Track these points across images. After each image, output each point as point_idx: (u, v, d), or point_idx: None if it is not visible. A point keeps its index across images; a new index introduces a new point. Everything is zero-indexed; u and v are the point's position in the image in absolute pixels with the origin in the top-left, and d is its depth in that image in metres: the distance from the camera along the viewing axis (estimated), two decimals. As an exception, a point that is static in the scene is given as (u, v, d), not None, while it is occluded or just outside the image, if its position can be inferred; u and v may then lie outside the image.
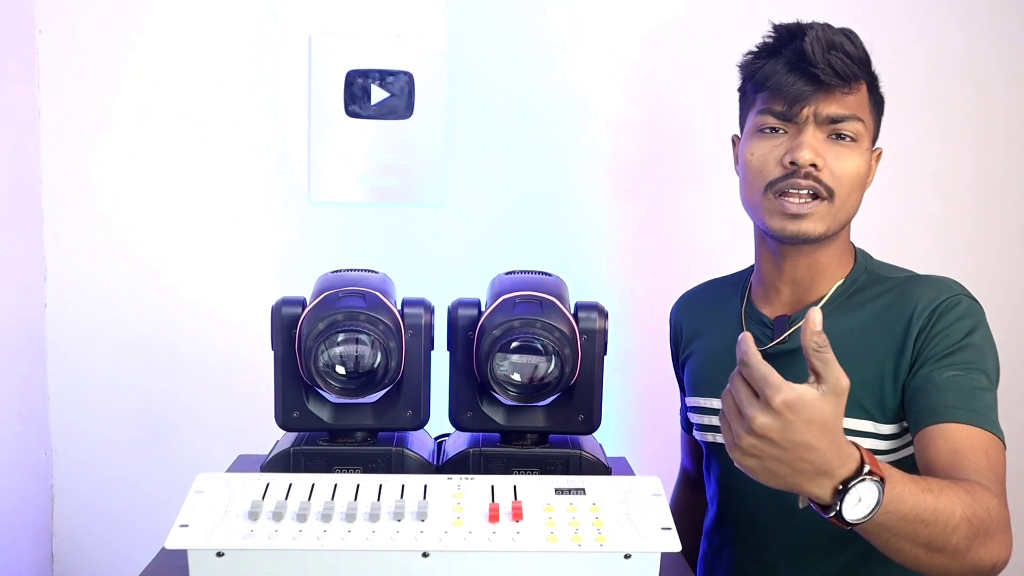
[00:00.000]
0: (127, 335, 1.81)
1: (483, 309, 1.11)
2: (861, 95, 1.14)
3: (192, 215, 1.80)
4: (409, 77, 1.77)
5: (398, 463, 1.11)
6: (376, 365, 1.06)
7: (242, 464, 1.32)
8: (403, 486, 0.98)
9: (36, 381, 1.79)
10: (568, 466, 1.12)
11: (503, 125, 1.81)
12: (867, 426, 1.13)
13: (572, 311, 1.11)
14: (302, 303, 1.10)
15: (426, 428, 1.17)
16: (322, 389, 1.07)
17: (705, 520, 1.36)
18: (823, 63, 1.10)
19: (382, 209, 1.81)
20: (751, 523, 1.23)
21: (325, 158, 1.78)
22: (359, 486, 0.98)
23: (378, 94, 1.77)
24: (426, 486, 0.98)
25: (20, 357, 1.74)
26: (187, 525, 0.91)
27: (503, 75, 1.80)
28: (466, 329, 1.11)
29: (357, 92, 1.76)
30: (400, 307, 1.11)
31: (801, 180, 1.12)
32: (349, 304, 1.06)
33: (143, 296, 1.80)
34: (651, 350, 1.85)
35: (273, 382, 1.12)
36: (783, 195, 1.13)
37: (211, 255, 1.81)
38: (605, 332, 1.12)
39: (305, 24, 1.77)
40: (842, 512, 0.84)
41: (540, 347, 1.06)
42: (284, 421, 1.12)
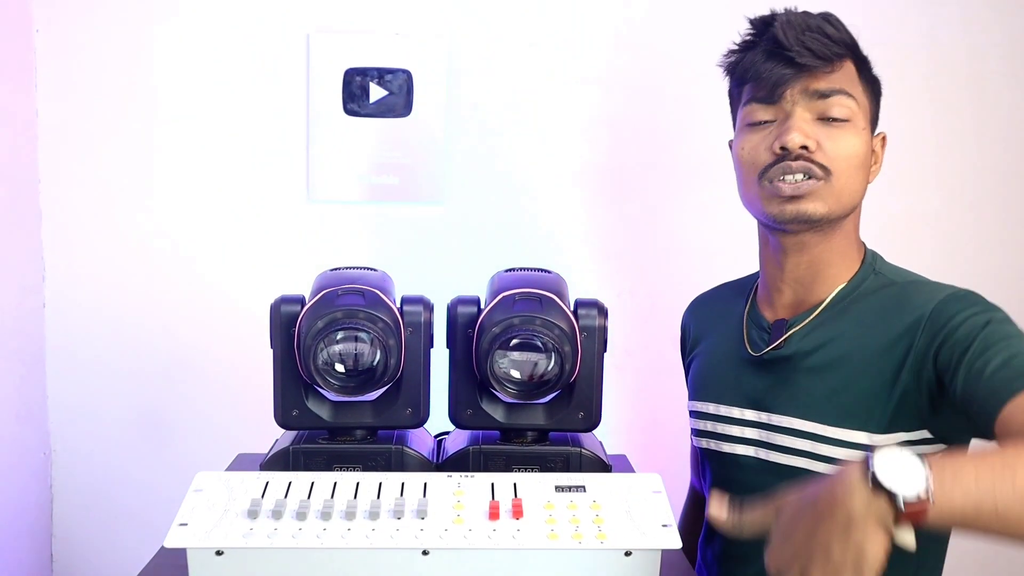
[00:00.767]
0: (126, 334, 1.81)
1: (483, 306, 1.11)
2: (847, 72, 1.10)
3: (191, 214, 1.80)
4: (408, 75, 1.77)
5: (398, 461, 1.11)
6: (375, 363, 1.06)
7: (241, 463, 1.31)
8: (403, 484, 0.98)
9: (35, 381, 1.78)
10: (568, 463, 1.12)
11: (502, 123, 1.81)
12: (860, 437, 1.07)
13: (572, 308, 1.11)
14: (301, 301, 1.10)
15: (426, 426, 1.17)
16: (321, 387, 1.07)
17: (701, 531, 1.31)
18: (797, 44, 1.07)
19: (381, 207, 1.81)
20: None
21: (324, 156, 1.78)
22: (359, 484, 0.98)
23: (377, 92, 1.76)
24: (426, 484, 0.98)
25: (19, 357, 1.73)
26: (186, 524, 0.91)
27: (502, 73, 1.80)
28: (466, 327, 1.11)
29: (356, 90, 1.76)
30: (399, 305, 1.11)
31: (793, 163, 1.08)
32: (348, 302, 1.06)
33: (142, 296, 1.80)
34: (651, 348, 1.85)
35: (272, 380, 1.11)
36: (777, 181, 1.09)
37: (210, 254, 1.81)
38: (605, 329, 1.11)
39: (303, 22, 1.76)
40: (889, 487, 0.74)
41: (540, 344, 1.06)
42: (283, 419, 1.12)
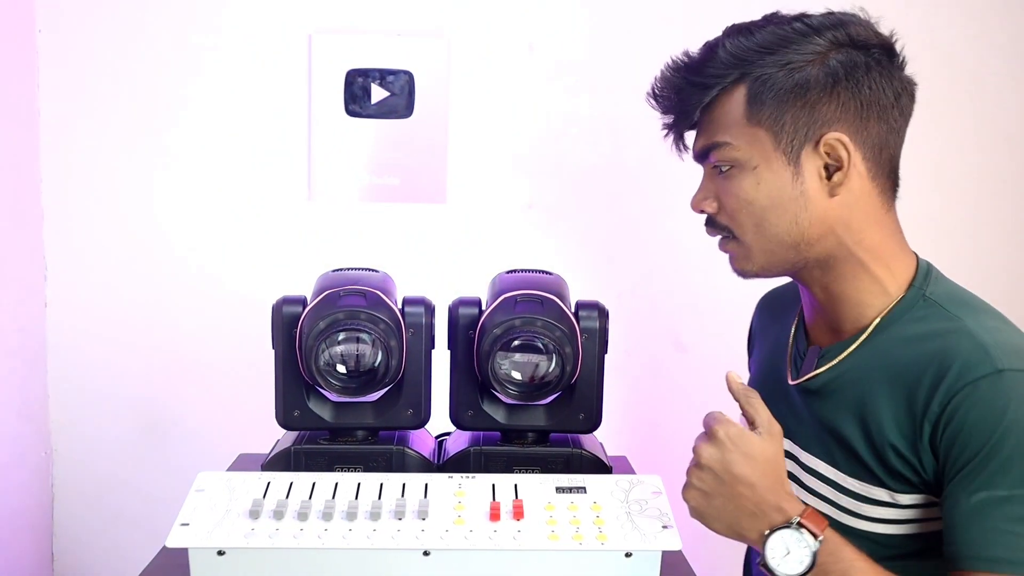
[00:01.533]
0: (127, 334, 1.81)
1: (484, 308, 1.11)
2: (723, 111, 0.96)
3: (192, 214, 1.80)
4: (409, 76, 1.77)
5: (399, 462, 1.11)
6: (377, 364, 1.06)
7: (243, 463, 1.31)
8: (404, 485, 0.98)
9: (36, 381, 1.79)
10: (569, 465, 1.12)
11: (503, 124, 1.81)
12: (881, 495, 0.94)
13: (573, 310, 1.11)
14: (303, 302, 1.10)
15: (427, 427, 1.17)
16: (323, 388, 1.07)
17: None
18: (659, 88, 0.99)
19: (382, 208, 1.81)
20: None
21: (325, 157, 1.78)
22: (360, 485, 0.98)
23: (378, 93, 1.77)
24: (427, 485, 0.98)
25: (20, 357, 1.74)
26: (188, 524, 0.91)
27: (503, 74, 1.80)
28: (467, 328, 1.11)
29: (357, 91, 1.77)
30: (401, 306, 1.11)
31: (708, 228, 1.03)
32: (350, 303, 1.06)
33: (143, 295, 1.80)
34: (652, 349, 1.85)
35: (274, 381, 1.12)
36: None
37: (212, 254, 1.81)
38: (606, 331, 1.12)
39: (305, 23, 1.77)
40: (767, 562, 0.85)
41: (541, 346, 1.06)
42: (285, 420, 1.12)
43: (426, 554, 0.90)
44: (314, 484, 0.98)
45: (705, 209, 1.00)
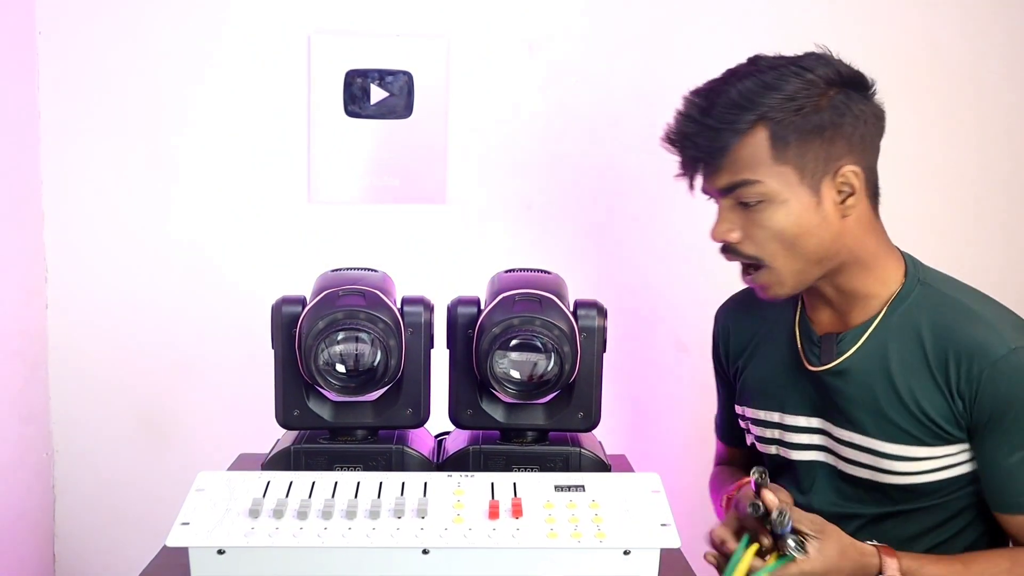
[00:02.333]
0: (128, 335, 1.81)
1: (482, 307, 1.12)
2: (749, 152, 1.06)
3: (192, 215, 1.80)
4: (408, 77, 1.77)
5: (398, 461, 1.11)
6: (376, 363, 1.07)
7: (243, 462, 1.32)
8: (403, 484, 0.99)
9: (37, 382, 1.79)
10: (568, 463, 1.13)
11: (502, 124, 1.81)
12: (920, 451, 1.10)
13: (571, 309, 1.11)
14: (302, 302, 1.10)
15: (426, 426, 1.17)
16: (322, 387, 1.07)
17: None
18: (679, 137, 1.11)
19: (382, 208, 1.81)
20: None
21: (325, 158, 1.79)
22: (359, 484, 0.98)
23: (377, 94, 1.77)
24: (426, 483, 0.99)
25: (21, 358, 1.74)
26: (188, 523, 0.92)
27: (502, 74, 1.80)
28: (466, 327, 1.12)
29: (356, 92, 1.77)
30: (400, 305, 1.12)
31: (728, 255, 1.12)
32: (349, 303, 1.06)
33: (144, 296, 1.80)
34: (651, 348, 1.85)
35: (273, 381, 1.12)
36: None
37: (212, 255, 1.81)
38: (604, 330, 1.12)
39: (304, 24, 1.77)
40: None
41: (539, 345, 1.06)
42: (285, 419, 1.13)
43: (425, 552, 0.90)
44: (314, 483, 0.98)
45: (729, 240, 1.10)
